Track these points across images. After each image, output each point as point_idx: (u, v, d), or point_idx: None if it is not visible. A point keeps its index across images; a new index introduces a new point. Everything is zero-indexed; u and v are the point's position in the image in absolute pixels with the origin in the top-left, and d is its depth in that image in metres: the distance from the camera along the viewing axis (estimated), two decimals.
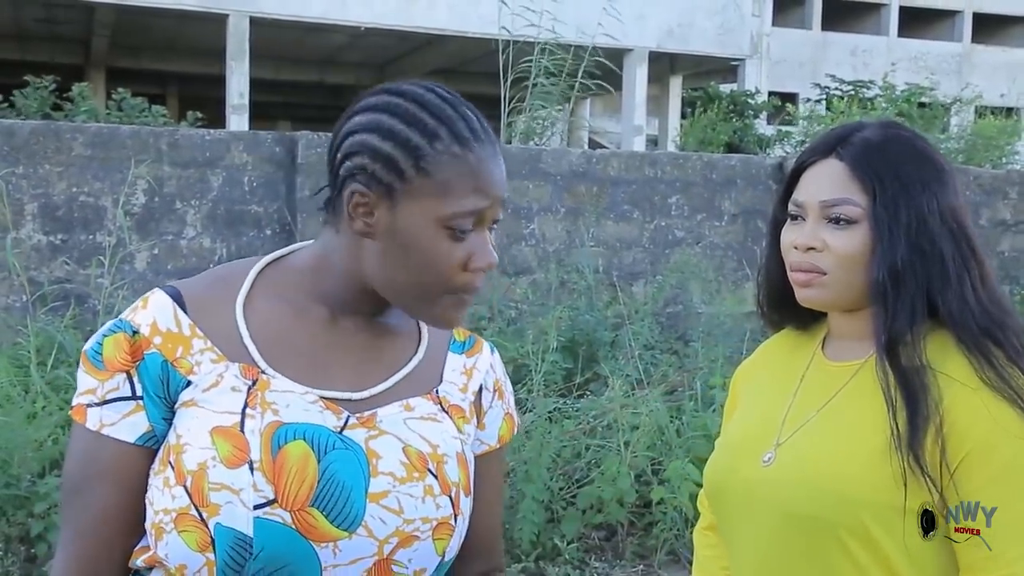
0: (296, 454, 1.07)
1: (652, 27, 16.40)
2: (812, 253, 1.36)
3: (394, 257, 1.11)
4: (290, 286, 1.18)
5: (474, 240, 1.12)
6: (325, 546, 1.06)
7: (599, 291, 6.50)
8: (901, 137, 1.37)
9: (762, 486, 1.37)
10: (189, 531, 1.05)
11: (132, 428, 1.10)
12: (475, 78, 17.58)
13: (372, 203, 1.11)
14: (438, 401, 1.20)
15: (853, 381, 1.38)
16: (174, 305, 1.13)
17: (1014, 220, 8.27)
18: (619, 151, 9.48)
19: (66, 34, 17.16)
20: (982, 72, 25.21)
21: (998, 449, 1.24)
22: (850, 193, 1.33)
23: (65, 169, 6.02)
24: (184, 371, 1.10)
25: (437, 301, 1.13)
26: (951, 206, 1.34)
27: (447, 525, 1.13)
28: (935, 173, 1.35)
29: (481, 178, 1.11)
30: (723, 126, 13.95)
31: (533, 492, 4.13)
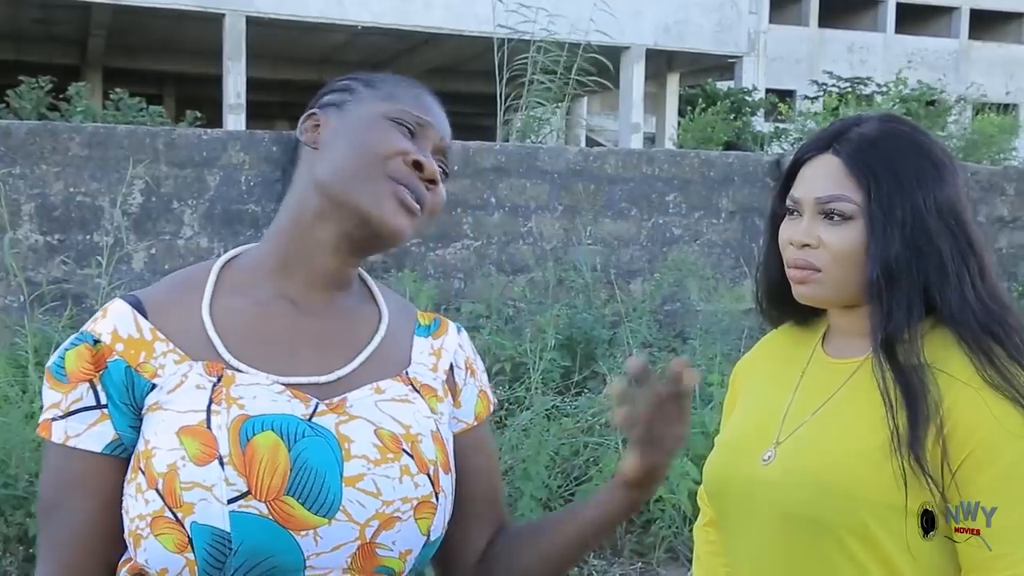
0: (265, 444, 1.06)
1: (648, 24, 16.40)
2: (807, 250, 1.35)
3: (338, 145, 1.17)
4: (249, 279, 1.19)
5: (417, 145, 1.18)
6: (305, 534, 1.05)
7: (597, 289, 6.50)
8: (899, 132, 1.36)
9: (762, 486, 1.36)
10: (166, 534, 1.04)
11: (98, 438, 1.09)
12: (472, 77, 17.58)
13: (323, 121, 1.20)
14: (409, 382, 1.20)
15: (853, 379, 1.37)
16: (133, 312, 1.12)
17: (1011, 216, 8.28)
18: (616, 149, 9.48)
19: (62, 34, 17.15)
20: (979, 69, 25.22)
21: (1001, 450, 1.23)
22: (845, 189, 1.33)
23: (62, 169, 6.01)
24: (148, 375, 1.10)
25: (377, 184, 1.14)
26: (949, 201, 1.32)
27: (428, 504, 1.12)
28: (933, 168, 1.33)
29: (425, 102, 1.22)
30: (722, 125, 13.96)
31: (531, 490, 4.13)
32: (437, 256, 6.74)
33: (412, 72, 18.87)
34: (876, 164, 1.32)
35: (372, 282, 1.29)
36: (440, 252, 6.75)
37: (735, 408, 1.56)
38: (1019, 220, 8.30)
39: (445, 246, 6.77)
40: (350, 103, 1.20)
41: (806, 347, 1.47)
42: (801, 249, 1.36)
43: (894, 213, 1.30)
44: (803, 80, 21.64)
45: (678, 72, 18.88)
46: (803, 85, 21.17)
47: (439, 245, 6.74)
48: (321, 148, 1.18)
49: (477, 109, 19.96)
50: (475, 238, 6.84)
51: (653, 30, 16.54)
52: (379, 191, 1.14)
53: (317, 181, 1.17)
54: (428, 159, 1.17)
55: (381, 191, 1.14)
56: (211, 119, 11.24)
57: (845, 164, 1.33)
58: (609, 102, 20.37)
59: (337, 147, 1.17)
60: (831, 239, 1.33)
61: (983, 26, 26.94)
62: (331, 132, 1.18)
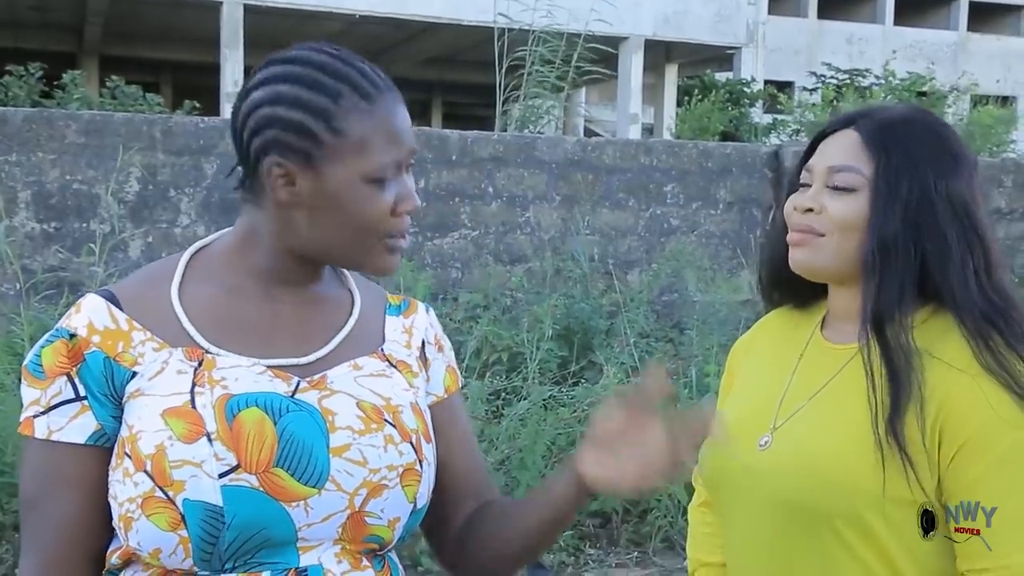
0: (252, 419, 1.07)
1: (647, 15, 16.38)
2: (810, 215, 1.35)
3: (326, 219, 1.13)
4: (220, 268, 1.19)
5: (396, 186, 1.15)
6: (296, 505, 1.07)
7: (594, 279, 6.50)
8: (923, 119, 1.37)
9: (758, 473, 1.36)
10: (158, 513, 1.04)
11: (81, 429, 1.10)
12: (470, 66, 17.56)
13: (292, 173, 1.12)
14: (385, 358, 1.23)
15: (851, 364, 1.35)
16: (108, 304, 1.13)
17: (1009, 208, 8.28)
18: (614, 139, 9.46)
19: (59, 22, 17.10)
20: (977, 61, 25.19)
21: (995, 440, 1.22)
22: (856, 161, 1.33)
23: (58, 157, 5.99)
24: (128, 364, 1.10)
25: (372, 250, 1.15)
26: (961, 192, 1.32)
27: (413, 471, 1.15)
28: (950, 158, 1.33)
29: (393, 127, 1.14)
30: (719, 115, 13.95)
31: (528, 479, 4.13)
32: (434, 246, 6.73)
33: (410, 61, 18.85)
34: (891, 141, 1.33)
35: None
36: (438, 242, 6.74)
37: (732, 389, 1.55)
38: (1016, 212, 8.30)
39: (443, 236, 6.76)
40: (318, 159, 1.11)
41: (805, 329, 1.46)
42: (805, 214, 1.36)
43: (899, 190, 1.30)
44: (802, 71, 21.60)
45: (677, 63, 18.85)
46: (802, 76, 21.14)
47: (437, 235, 6.74)
48: (301, 211, 1.13)
49: (475, 99, 19.92)
50: (473, 228, 6.83)
51: (652, 20, 16.51)
52: (374, 252, 1.16)
53: (300, 243, 1.16)
54: (411, 198, 1.16)
55: (375, 251, 1.16)
56: (209, 107, 11.22)
57: (862, 137, 1.34)
58: (608, 92, 20.34)
59: (319, 219, 1.12)
60: (834, 206, 1.33)
61: (982, 18, 26.90)
62: (308, 196, 1.12)
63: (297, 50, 1.16)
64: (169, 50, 18.70)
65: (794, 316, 1.51)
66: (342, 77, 1.12)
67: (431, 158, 6.61)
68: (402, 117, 1.16)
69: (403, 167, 1.16)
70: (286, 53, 1.16)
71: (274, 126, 1.11)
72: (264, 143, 1.12)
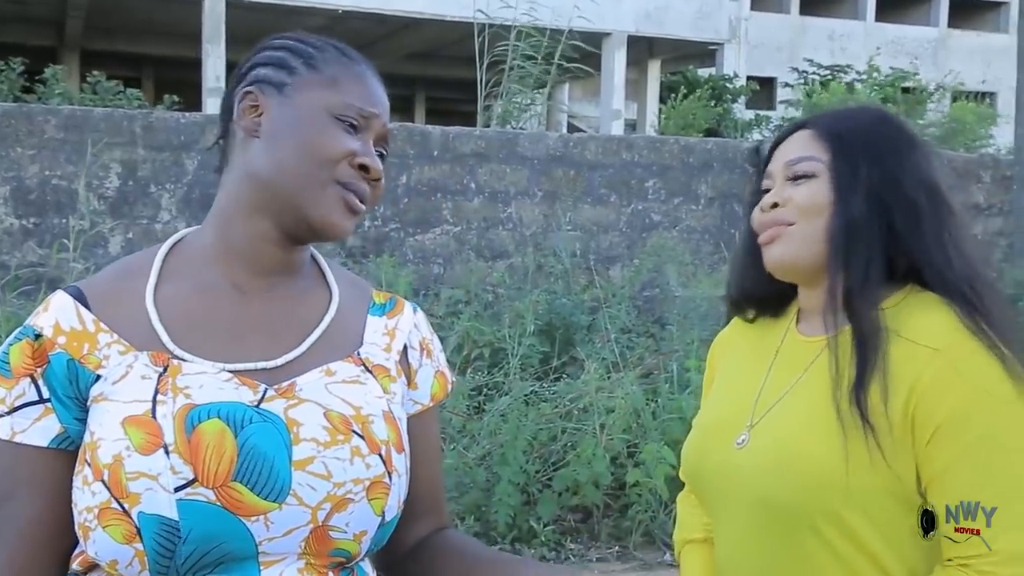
0: (211, 431, 1.04)
1: (629, 11, 16.40)
2: (777, 210, 1.35)
3: (282, 142, 1.13)
4: (194, 262, 1.17)
5: (361, 143, 1.15)
6: (256, 520, 1.04)
7: (576, 275, 6.51)
8: (877, 111, 1.39)
9: (736, 470, 1.35)
10: (113, 525, 1.02)
11: (44, 432, 1.08)
12: (453, 62, 17.53)
13: (262, 103, 1.14)
14: (361, 363, 1.18)
15: (822, 355, 1.34)
16: (75, 303, 1.11)
17: (987, 204, 8.34)
18: (596, 135, 9.47)
19: (39, 15, 16.97)
20: (958, 57, 25.33)
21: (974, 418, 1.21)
22: (812, 151, 1.35)
23: (37, 152, 5.96)
24: (92, 367, 1.08)
25: (324, 191, 1.12)
26: (924, 172, 1.33)
27: (381, 484, 1.11)
28: (906, 141, 1.35)
29: (368, 86, 1.17)
30: (704, 112, 13.99)
31: (509, 475, 4.15)
32: (416, 241, 6.73)
33: (393, 57, 18.82)
34: (844, 129, 1.35)
35: (324, 261, 1.27)
36: (419, 237, 6.74)
37: (712, 386, 1.55)
38: (994, 207, 8.36)
39: (424, 231, 6.76)
40: (290, 87, 1.14)
41: (781, 325, 1.46)
42: (771, 210, 1.36)
43: (859, 171, 1.31)
44: (784, 67, 21.67)
45: (659, 59, 18.88)
46: (784, 72, 21.21)
47: (418, 230, 6.73)
48: (262, 138, 1.14)
49: (458, 95, 19.89)
50: (455, 223, 6.83)
51: (634, 16, 16.54)
52: (326, 196, 1.12)
53: (258, 175, 1.14)
54: (374, 160, 1.15)
55: (328, 196, 1.12)
56: (191, 103, 11.16)
57: (814, 131, 1.36)
58: (591, 88, 20.35)
59: (280, 144, 1.13)
60: (798, 194, 1.34)
61: (962, 15, 27.05)
62: (273, 123, 1.14)
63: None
64: (151, 45, 18.59)
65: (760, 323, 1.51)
66: (329, 42, 1.20)
67: (413, 154, 6.61)
68: (378, 88, 1.19)
69: (372, 131, 1.16)
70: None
71: (256, 67, 1.18)
72: (244, 83, 1.17)
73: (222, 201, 1.18)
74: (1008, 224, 8.24)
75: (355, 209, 1.14)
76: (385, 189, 1.20)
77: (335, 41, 1.21)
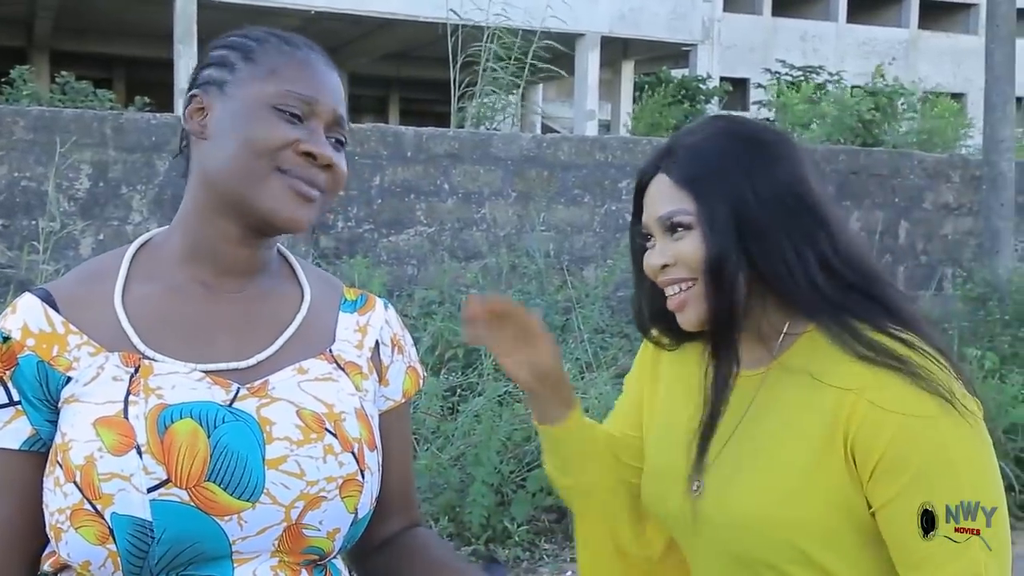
0: (184, 431, 1.05)
1: (603, 12, 16.44)
2: (669, 270, 1.33)
3: (224, 140, 1.12)
4: (163, 263, 1.17)
5: (307, 131, 1.13)
6: (229, 519, 1.05)
7: (550, 275, 6.52)
8: (721, 130, 1.34)
9: (699, 519, 1.33)
10: (86, 526, 1.03)
11: (15, 435, 1.08)
12: (427, 63, 17.50)
13: (207, 104, 1.15)
14: (333, 360, 1.19)
15: (761, 393, 1.33)
16: (43, 305, 1.11)
17: (956, 203, 8.42)
18: (569, 136, 9.49)
19: (7, 15, 16.79)
20: (928, 58, 25.58)
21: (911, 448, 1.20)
22: (678, 203, 1.31)
23: (6, 153, 5.91)
24: (63, 368, 1.08)
25: (268, 181, 1.11)
26: (783, 182, 1.29)
27: (354, 482, 1.11)
28: (757, 152, 1.31)
29: (310, 71, 1.15)
30: (671, 110, 14.04)
31: (483, 475, 4.15)
32: (390, 242, 6.72)
33: (366, 58, 18.78)
34: (698, 170, 1.31)
35: (294, 259, 1.27)
36: (393, 238, 6.73)
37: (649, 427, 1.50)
38: (964, 207, 8.44)
39: (398, 232, 6.75)
40: (230, 84, 1.14)
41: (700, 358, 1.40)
42: (663, 271, 1.33)
43: (716, 212, 1.28)
44: (756, 68, 21.78)
45: (633, 60, 18.94)
46: (756, 73, 21.32)
47: (392, 231, 6.72)
48: (209, 139, 1.14)
49: (433, 95, 19.85)
50: (428, 224, 6.82)
51: (608, 17, 16.58)
52: (272, 187, 1.11)
53: (208, 176, 1.15)
54: (318, 146, 1.13)
55: (274, 187, 1.11)
56: (163, 103, 11.09)
57: (672, 179, 1.32)
58: (564, 89, 20.38)
59: (223, 142, 1.13)
60: (681, 250, 1.31)
61: (932, 16, 27.30)
62: (216, 122, 1.14)
63: None
64: (122, 45, 18.45)
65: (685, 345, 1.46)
66: (275, 32, 1.18)
67: (386, 155, 6.60)
68: (324, 73, 1.16)
69: (320, 117, 1.14)
70: None
71: (202, 69, 1.18)
72: (192, 87, 1.17)
73: (185, 204, 1.19)
74: (977, 224, 8.33)
75: (306, 196, 1.13)
76: (358, 188, 1.19)
77: (286, 33, 1.19)
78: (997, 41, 8.17)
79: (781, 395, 1.31)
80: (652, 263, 1.34)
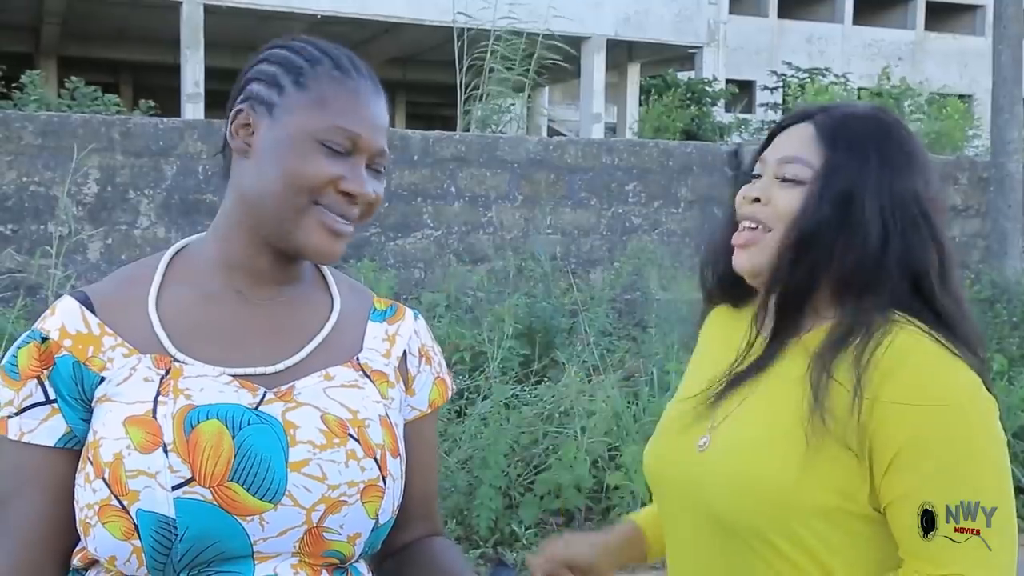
0: (210, 432, 1.07)
1: (609, 14, 16.45)
2: (757, 206, 1.32)
3: (268, 168, 1.13)
4: (198, 269, 1.19)
5: (350, 166, 1.14)
6: (251, 519, 1.07)
7: (556, 278, 6.52)
8: (882, 118, 1.34)
9: (693, 483, 1.34)
10: (113, 521, 1.05)
11: (51, 432, 1.11)
12: (433, 66, 17.52)
13: (253, 123, 1.15)
14: (360, 368, 1.20)
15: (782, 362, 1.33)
16: (81, 308, 1.14)
17: (964, 205, 8.41)
18: (576, 139, 9.50)
19: (15, 22, 16.86)
20: (934, 59, 25.55)
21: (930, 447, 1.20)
22: (805, 153, 1.30)
23: (15, 158, 5.93)
24: (97, 369, 1.11)
25: (305, 214, 1.13)
26: (916, 192, 1.29)
27: (375, 487, 1.13)
28: (901, 156, 1.30)
29: (359, 104, 1.15)
30: (679, 113, 14.04)
31: (490, 479, 4.15)
32: (397, 246, 6.72)
33: (372, 62, 18.77)
34: (843, 135, 1.30)
35: (326, 268, 1.29)
36: (400, 242, 6.74)
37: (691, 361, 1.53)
38: (971, 209, 8.43)
39: (405, 236, 6.76)
40: (279, 108, 1.15)
41: (742, 326, 1.42)
42: (752, 204, 1.33)
43: (835, 183, 1.28)
44: (763, 71, 21.77)
45: (639, 62, 18.94)
46: (763, 75, 21.30)
47: (399, 235, 6.73)
48: (251, 159, 1.15)
49: (438, 99, 19.88)
50: (435, 228, 6.83)
51: (614, 20, 16.58)
52: (308, 222, 1.13)
53: (246, 197, 1.16)
54: (360, 184, 1.14)
55: (310, 222, 1.13)
56: (169, 108, 11.13)
57: (816, 130, 1.32)
58: (571, 92, 20.39)
59: (265, 167, 1.14)
60: (779, 197, 1.30)
61: (938, 17, 27.26)
62: (261, 143, 1.15)
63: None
64: (128, 50, 18.50)
65: (732, 313, 1.48)
66: (326, 50, 1.18)
67: (393, 158, 6.60)
68: (375, 105, 1.17)
69: (362, 151, 1.14)
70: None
71: (251, 81, 1.18)
72: (239, 97, 1.18)
73: (221, 215, 1.21)
74: (985, 226, 8.31)
75: (340, 232, 1.15)
76: None
77: (336, 50, 1.18)
78: (1004, 43, 8.16)
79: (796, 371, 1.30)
80: (748, 192, 1.34)
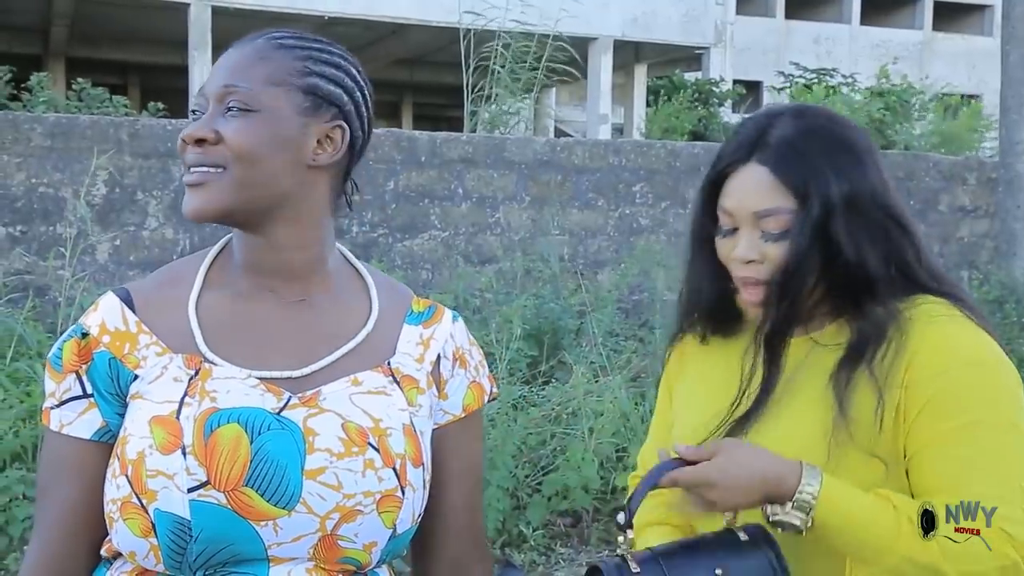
0: (228, 436, 1.08)
1: (616, 15, 16.43)
2: (753, 265, 1.33)
3: None
4: (232, 271, 1.21)
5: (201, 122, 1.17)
6: (265, 525, 1.08)
7: (564, 279, 6.52)
8: (816, 127, 1.34)
9: None
10: (133, 518, 1.08)
11: (88, 425, 1.15)
12: (440, 68, 17.54)
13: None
14: (390, 373, 1.19)
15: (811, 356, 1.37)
16: (122, 305, 1.17)
17: (972, 206, 8.39)
18: (583, 139, 9.50)
19: (24, 24, 16.90)
20: (943, 60, 25.47)
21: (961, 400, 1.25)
22: (778, 202, 1.31)
23: (24, 160, 5.95)
24: (132, 366, 1.14)
25: None
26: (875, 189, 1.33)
27: (392, 498, 1.12)
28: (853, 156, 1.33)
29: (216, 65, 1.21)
30: (687, 114, 14.01)
31: (498, 480, 4.15)
32: (404, 247, 6.73)
33: (379, 63, 18.81)
34: (796, 167, 1.30)
35: (367, 273, 1.28)
36: (407, 243, 6.74)
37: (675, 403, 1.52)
38: (980, 209, 8.41)
39: (412, 237, 6.76)
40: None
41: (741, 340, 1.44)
42: (747, 266, 1.34)
43: (814, 216, 1.30)
44: (770, 71, 21.73)
45: (646, 63, 18.91)
46: (770, 76, 21.26)
47: (406, 236, 6.74)
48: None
49: (446, 100, 19.89)
50: (443, 229, 6.83)
51: (620, 21, 16.57)
52: None
53: None
54: (191, 128, 1.14)
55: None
56: (178, 110, 11.14)
57: (773, 173, 1.31)
58: (578, 93, 20.38)
59: None
60: (774, 253, 1.32)
61: (946, 18, 27.19)
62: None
63: None
64: (136, 52, 18.53)
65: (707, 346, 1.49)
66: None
67: (400, 159, 6.61)
68: (228, 56, 1.19)
69: (211, 103, 1.16)
70: None
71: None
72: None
73: None
74: (993, 226, 8.29)
75: (190, 183, 1.15)
76: (372, 193, 1.21)
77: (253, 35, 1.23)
78: (1012, 43, 8.14)
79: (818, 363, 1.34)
80: (741, 255, 1.34)
